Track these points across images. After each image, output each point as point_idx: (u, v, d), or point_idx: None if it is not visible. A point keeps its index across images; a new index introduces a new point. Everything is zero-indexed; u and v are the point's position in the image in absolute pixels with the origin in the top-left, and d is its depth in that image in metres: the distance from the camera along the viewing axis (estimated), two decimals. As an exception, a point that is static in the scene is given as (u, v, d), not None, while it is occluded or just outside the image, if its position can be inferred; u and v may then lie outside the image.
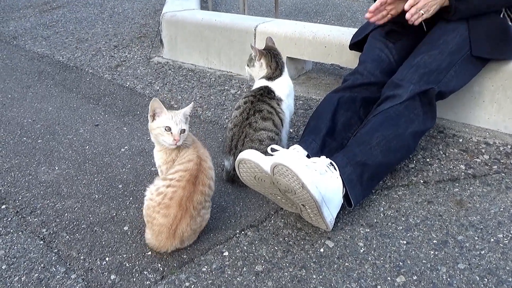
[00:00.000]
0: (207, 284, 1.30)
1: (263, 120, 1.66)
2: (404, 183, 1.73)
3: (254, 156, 1.38)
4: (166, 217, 1.32)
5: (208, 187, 1.38)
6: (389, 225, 1.51)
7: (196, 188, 1.34)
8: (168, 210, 1.32)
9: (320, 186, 1.34)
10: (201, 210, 1.37)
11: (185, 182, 1.32)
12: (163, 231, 1.33)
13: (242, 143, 1.64)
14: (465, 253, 1.38)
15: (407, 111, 1.65)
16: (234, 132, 1.67)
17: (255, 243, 1.46)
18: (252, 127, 1.65)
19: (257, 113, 1.67)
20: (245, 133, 1.64)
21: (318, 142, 1.60)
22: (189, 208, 1.32)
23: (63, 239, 1.51)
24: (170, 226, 1.32)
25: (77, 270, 1.37)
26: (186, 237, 1.37)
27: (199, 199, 1.34)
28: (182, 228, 1.33)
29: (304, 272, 1.33)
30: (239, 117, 1.68)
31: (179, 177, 1.34)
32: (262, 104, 1.69)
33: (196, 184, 1.34)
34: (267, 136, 1.65)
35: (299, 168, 1.30)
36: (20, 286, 1.31)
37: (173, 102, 2.56)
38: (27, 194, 1.76)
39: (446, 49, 1.77)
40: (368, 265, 1.35)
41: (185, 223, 1.33)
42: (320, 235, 1.48)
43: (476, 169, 1.79)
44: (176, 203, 1.31)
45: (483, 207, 1.57)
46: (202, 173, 1.37)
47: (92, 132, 2.25)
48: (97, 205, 1.67)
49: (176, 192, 1.32)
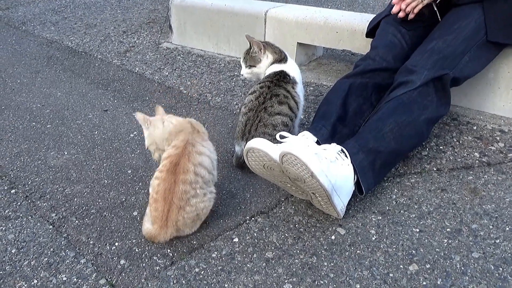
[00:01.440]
0: (216, 270, 1.29)
1: (279, 104, 1.64)
2: (417, 171, 1.70)
3: (262, 145, 1.36)
4: (156, 210, 1.31)
5: (195, 174, 1.32)
6: (402, 212, 1.49)
7: (176, 178, 1.30)
8: (156, 204, 1.31)
9: (330, 175, 1.32)
10: (190, 199, 1.32)
11: (165, 173, 1.30)
12: (155, 223, 1.32)
13: (256, 128, 1.62)
14: (479, 241, 1.35)
15: (421, 98, 1.62)
16: (249, 117, 1.64)
17: (265, 229, 1.44)
18: (267, 112, 1.62)
19: (274, 97, 1.65)
20: (260, 118, 1.62)
21: (328, 128, 1.57)
22: (173, 200, 1.30)
23: (72, 223, 1.50)
24: (161, 218, 1.31)
25: (86, 255, 1.36)
26: (182, 225, 1.34)
27: (182, 188, 1.30)
28: (173, 218, 1.31)
29: (315, 259, 1.31)
30: (254, 102, 1.66)
31: (162, 167, 1.32)
32: (278, 89, 1.67)
33: (176, 173, 1.30)
34: (281, 121, 1.63)
35: (308, 157, 1.27)
36: (29, 270, 1.31)
37: (182, 87, 2.54)
38: (36, 179, 1.75)
39: (461, 35, 1.73)
40: (380, 253, 1.33)
41: (173, 215, 1.31)
42: (331, 222, 1.46)
43: (491, 157, 1.76)
44: (161, 196, 1.30)
45: (498, 196, 1.54)
46: (185, 159, 1.31)
47: (101, 117, 2.23)
48: (106, 190, 1.66)
49: (160, 185, 1.30)
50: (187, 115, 2.22)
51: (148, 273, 1.28)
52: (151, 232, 1.34)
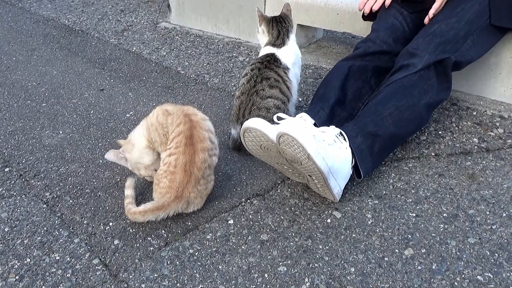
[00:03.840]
0: (211, 251, 1.28)
1: (270, 88, 1.61)
2: (415, 155, 1.69)
3: (259, 125, 1.34)
4: (172, 181, 1.29)
5: (209, 140, 1.34)
6: (398, 197, 1.48)
7: (195, 148, 1.31)
8: (173, 176, 1.29)
9: (327, 157, 1.30)
10: (206, 171, 1.33)
11: (183, 147, 1.30)
12: (169, 192, 1.30)
13: (249, 112, 1.60)
14: (475, 227, 1.34)
15: (422, 82, 1.60)
16: (242, 100, 1.62)
17: (260, 212, 1.43)
18: (259, 95, 1.60)
19: (264, 80, 1.61)
20: (252, 101, 1.60)
21: (326, 111, 1.55)
22: (193, 171, 1.30)
23: (66, 203, 1.49)
24: (177, 189, 1.29)
25: (80, 234, 1.35)
26: (192, 199, 1.34)
27: (202, 157, 1.31)
28: (189, 189, 1.30)
29: (310, 242, 1.31)
30: (246, 85, 1.63)
31: (176, 143, 1.31)
32: (269, 72, 1.63)
33: (193, 143, 1.31)
34: (274, 104, 1.60)
35: (305, 139, 1.25)
36: (22, 249, 1.30)
37: (180, 68, 2.51)
38: (30, 158, 1.73)
39: (464, 18, 1.70)
40: (375, 237, 1.32)
41: (191, 186, 1.30)
42: (328, 205, 1.45)
43: (490, 143, 1.74)
44: (180, 169, 1.29)
45: (496, 182, 1.53)
46: (196, 128, 1.33)
47: (97, 96, 2.21)
48: (101, 170, 1.65)
49: (178, 159, 1.29)
50: (184, 96, 2.19)
51: (142, 254, 1.28)
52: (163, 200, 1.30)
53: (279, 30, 1.76)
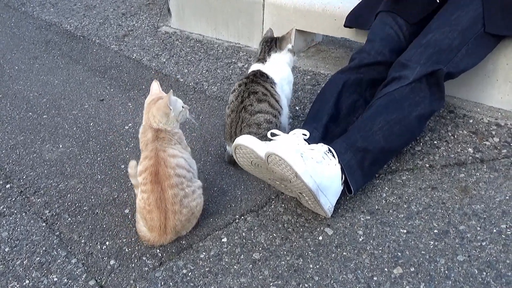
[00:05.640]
0: (204, 271, 1.31)
1: (258, 102, 1.62)
2: (409, 167, 1.70)
3: (249, 142, 1.36)
4: (152, 220, 1.32)
5: (176, 175, 1.33)
6: (390, 212, 1.49)
7: (163, 185, 1.31)
8: (151, 215, 1.32)
9: (315, 175, 1.32)
10: (182, 201, 1.33)
11: (149, 185, 1.31)
12: (154, 230, 1.34)
13: (240, 129, 1.62)
14: (465, 244, 1.36)
15: (413, 94, 1.60)
16: (232, 119, 1.64)
17: (254, 229, 1.46)
18: (248, 111, 1.61)
19: (252, 94, 1.63)
20: (242, 118, 1.62)
21: (319, 131, 1.57)
22: (167, 207, 1.31)
23: (65, 221, 1.53)
24: (159, 227, 1.32)
25: (77, 254, 1.39)
26: (180, 228, 1.37)
27: (172, 193, 1.31)
28: (171, 225, 1.33)
29: (301, 261, 1.33)
30: (235, 102, 1.65)
31: (143, 179, 1.33)
32: (256, 86, 1.65)
33: (160, 181, 1.31)
34: (264, 119, 1.62)
35: (292, 158, 1.28)
36: (22, 270, 1.34)
37: (179, 75, 2.53)
38: (31, 173, 1.77)
39: (458, 26, 1.70)
40: (366, 255, 1.34)
41: (171, 220, 1.33)
42: (320, 222, 1.47)
43: (485, 153, 1.75)
44: (154, 207, 1.31)
45: (488, 195, 1.54)
46: (162, 166, 1.32)
47: (97, 107, 2.24)
48: (99, 186, 1.68)
49: (149, 197, 1.31)
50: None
51: (137, 274, 1.31)
52: (150, 240, 1.37)
53: (262, 47, 1.80)
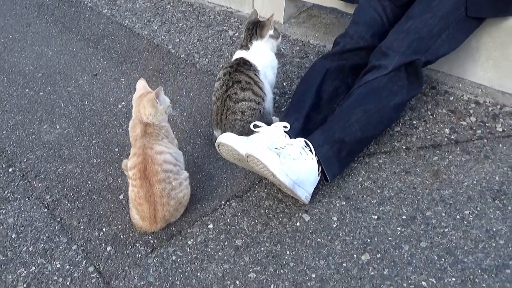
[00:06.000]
0: (191, 258, 1.46)
1: (242, 91, 1.70)
2: (387, 150, 1.79)
3: (230, 141, 1.46)
4: (143, 211, 1.45)
5: (163, 171, 1.43)
6: (364, 198, 1.61)
7: (151, 181, 1.42)
8: (142, 207, 1.44)
9: (291, 173, 1.43)
10: (170, 193, 1.45)
11: (138, 180, 1.42)
12: (145, 220, 1.46)
13: (226, 117, 1.71)
14: (429, 230, 1.49)
15: (391, 83, 1.67)
16: (218, 106, 1.72)
17: (238, 215, 1.59)
18: (232, 100, 1.70)
19: (236, 84, 1.70)
20: (227, 106, 1.70)
21: (300, 122, 1.65)
22: (156, 200, 1.43)
23: (65, 207, 1.66)
24: (150, 217, 1.45)
25: (77, 241, 1.53)
26: (169, 218, 1.50)
27: (159, 187, 1.42)
28: (160, 216, 1.45)
29: (279, 248, 1.47)
30: (220, 90, 1.73)
31: (133, 175, 1.44)
32: (239, 75, 1.71)
33: (148, 177, 1.42)
34: (248, 107, 1.70)
35: (268, 160, 1.38)
36: (28, 256, 1.49)
37: (171, 46, 2.57)
38: (31, 156, 1.88)
39: (439, 12, 1.72)
40: (338, 242, 1.48)
41: (160, 211, 1.45)
42: (298, 207, 1.59)
43: (460, 134, 1.84)
44: (144, 200, 1.43)
45: (457, 179, 1.64)
46: (149, 163, 1.42)
47: (90, 83, 2.31)
48: (95, 170, 1.80)
49: (139, 192, 1.43)
50: (174, 81, 2.28)
51: (131, 261, 1.46)
52: (143, 227, 1.50)
53: (245, 34, 1.84)
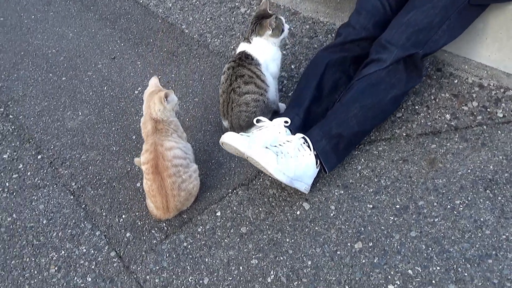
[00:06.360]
0: (200, 245, 1.62)
1: (245, 84, 1.79)
2: (387, 137, 1.87)
3: (232, 140, 1.57)
4: (156, 202, 1.60)
5: (173, 166, 1.56)
6: (362, 186, 1.72)
7: (162, 176, 1.56)
8: (155, 199, 1.59)
9: (288, 171, 1.54)
10: (180, 186, 1.59)
11: (151, 175, 1.56)
12: (159, 209, 1.62)
13: (231, 108, 1.82)
14: (420, 220, 1.60)
15: (389, 77, 1.72)
16: (224, 99, 1.84)
17: (243, 203, 1.73)
18: (236, 93, 1.80)
19: (239, 78, 1.80)
20: (232, 99, 1.81)
21: (300, 116, 1.74)
22: (167, 192, 1.57)
23: (88, 193, 1.84)
24: (163, 208, 1.60)
25: (100, 227, 1.72)
26: (181, 206, 1.65)
27: (170, 181, 1.56)
28: (172, 206, 1.61)
29: (280, 235, 1.62)
30: (225, 84, 1.83)
31: (146, 170, 1.58)
32: (242, 69, 1.80)
33: (159, 172, 1.55)
34: (252, 99, 1.80)
35: (265, 160, 1.50)
36: (58, 241, 1.69)
37: (184, 25, 2.64)
38: (57, 143, 2.06)
39: (440, 3, 1.74)
40: (334, 230, 1.61)
41: (172, 202, 1.60)
42: (300, 196, 1.72)
43: (460, 120, 1.89)
44: (157, 193, 1.58)
45: (452, 168, 1.73)
46: (160, 159, 1.55)
47: (109, 67, 2.43)
48: (115, 158, 1.96)
49: (152, 185, 1.57)
50: (187, 64, 2.38)
51: (147, 246, 1.63)
52: (157, 215, 1.66)
53: (250, 27, 1.89)
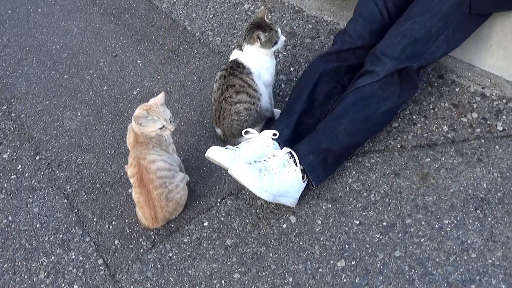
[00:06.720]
0: (185, 256, 1.64)
1: (237, 94, 1.78)
2: (381, 148, 1.84)
3: (216, 155, 1.59)
4: (145, 214, 1.61)
5: (158, 178, 1.56)
6: (351, 201, 1.70)
7: (148, 188, 1.57)
8: (143, 210, 1.61)
9: (271, 188, 1.54)
10: (168, 196, 1.60)
11: (138, 188, 1.58)
12: (148, 220, 1.64)
13: (223, 117, 1.81)
14: (406, 239, 1.58)
15: (382, 90, 1.68)
16: (216, 107, 1.83)
17: (231, 214, 1.73)
18: (228, 102, 1.79)
19: (230, 87, 1.78)
20: (223, 108, 1.80)
21: (290, 128, 1.72)
22: (155, 204, 1.59)
23: (82, 198, 1.87)
24: (151, 218, 1.62)
25: (90, 233, 1.75)
26: (169, 216, 1.67)
27: (157, 193, 1.56)
28: (160, 216, 1.62)
29: (264, 249, 1.62)
30: (217, 93, 1.82)
31: (133, 183, 1.60)
32: (233, 79, 1.78)
33: (145, 185, 1.57)
34: (243, 108, 1.79)
35: (247, 179, 1.50)
36: (49, 246, 1.73)
37: (187, 22, 2.62)
38: (55, 144, 2.09)
39: (439, 12, 1.68)
40: (318, 246, 1.60)
41: (160, 213, 1.61)
42: (287, 208, 1.71)
43: (458, 132, 1.84)
44: (145, 205, 1.59)
45: (444, 185, 1.69)
46: (144, 173, 1.56)
47: (110, 65, 2.44)
48: (109, 162, 1.98)
49: (139, 197, 1.59)
50: (187, 63, 2.37)
51: (134, 255, 1.66)
52: (145, 224, 1.68)
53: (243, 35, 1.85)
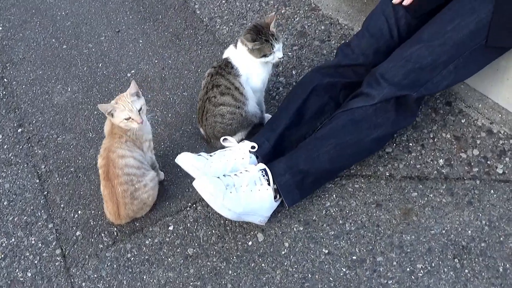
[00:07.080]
0: (143, 259, 1.58)
1: (221, 95, 1.68)
2: (368, 173, 1.73)
3: (184, 163, 1.54)
4: (108, 208, 1.56)
5: (125, 174, 1.50)
6: (324, 227, 1.61)
7: (113, 183, 1.50)
8: (107, 204, 1.56)
9: (236, 206, 1.45)
10: (133, 194, 1.53)
11: (103, 181, 1.52)
12: (111, 215, 1.58)
13: (206, 118, 1.72)
14: (373, 278, 1.48)
15: (375, 116, 1.57)
16: (200, 106, 1.74)
17: (199, 221, 1.66)
18: (212, 103, 1.69)
19: (215, 87, 1.68)
20: (207, 109, 1.71)
21: (271, 142, 1.61)
22: (118, 200, 1.52)
23: (54, 180, 1.82)
24: (114, 214, 1.56)
25: (55, 219, 1.71)
26: (133, 214, 1.61)
27: (122, 189, 1.50)
28: (123, 214, 1.56)
29: (224, 265, 1.55)
30: (202, 91, 1.73)
31: (100, 174, 1.54)
32: (220, 79, 1.68)
33: (110, 179, 1.50)
34: (227, 111, 1.69)
35: (209, 196, 1.44)
36: (12, 227, 1.70)
37: (198, 5, 2.51)
38: (40, 118, 2.04)
39: (452, 39, 1.54)
40: (280, 271, 1.52)
41: (123, 210, 1.55)
42: (257, 224, 1.63)
43: (453, 169, 1.72)
44: (108, 199, 1.53)
45: (426, 225, 1.58)
46: (111, 167, 1.49)
47: (111, 41, 2.36)
48: (88, 146, 1.92)
49: (104, 190, 1.53)
50: (188, 50, 2.28)
51: (92, 250, 1.62)
52: (110, 219, 1.62)
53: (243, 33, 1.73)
